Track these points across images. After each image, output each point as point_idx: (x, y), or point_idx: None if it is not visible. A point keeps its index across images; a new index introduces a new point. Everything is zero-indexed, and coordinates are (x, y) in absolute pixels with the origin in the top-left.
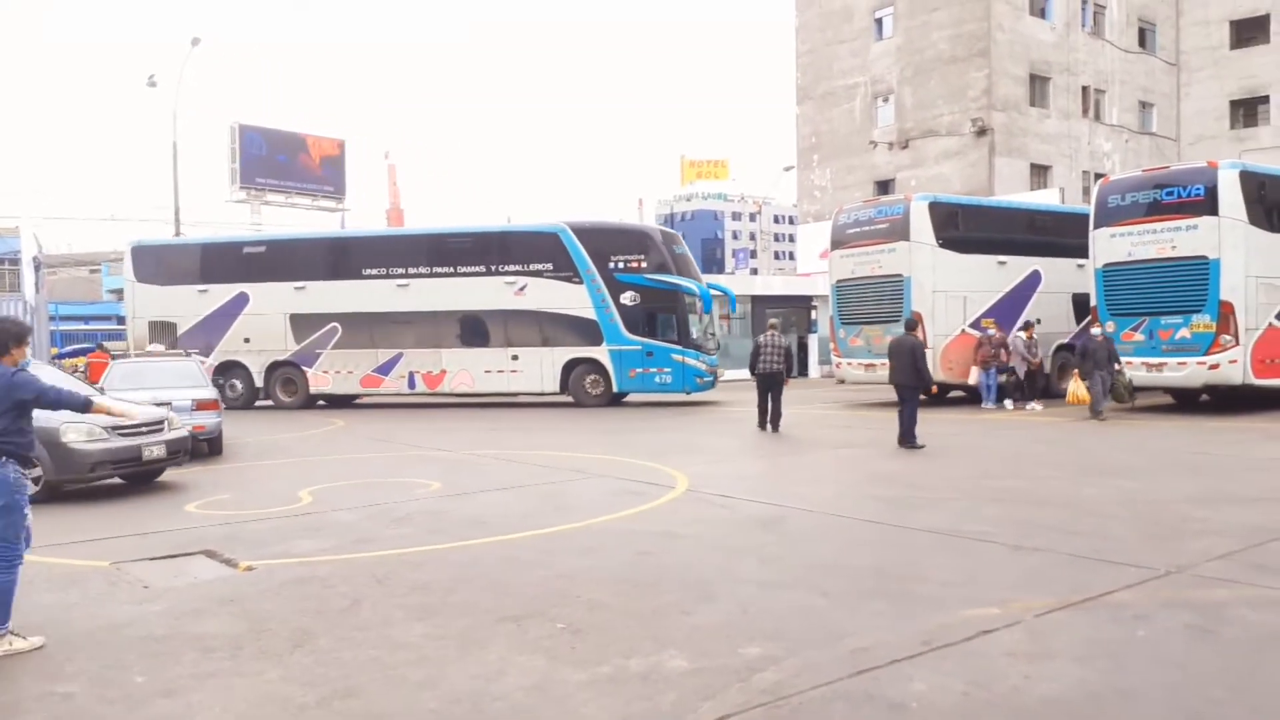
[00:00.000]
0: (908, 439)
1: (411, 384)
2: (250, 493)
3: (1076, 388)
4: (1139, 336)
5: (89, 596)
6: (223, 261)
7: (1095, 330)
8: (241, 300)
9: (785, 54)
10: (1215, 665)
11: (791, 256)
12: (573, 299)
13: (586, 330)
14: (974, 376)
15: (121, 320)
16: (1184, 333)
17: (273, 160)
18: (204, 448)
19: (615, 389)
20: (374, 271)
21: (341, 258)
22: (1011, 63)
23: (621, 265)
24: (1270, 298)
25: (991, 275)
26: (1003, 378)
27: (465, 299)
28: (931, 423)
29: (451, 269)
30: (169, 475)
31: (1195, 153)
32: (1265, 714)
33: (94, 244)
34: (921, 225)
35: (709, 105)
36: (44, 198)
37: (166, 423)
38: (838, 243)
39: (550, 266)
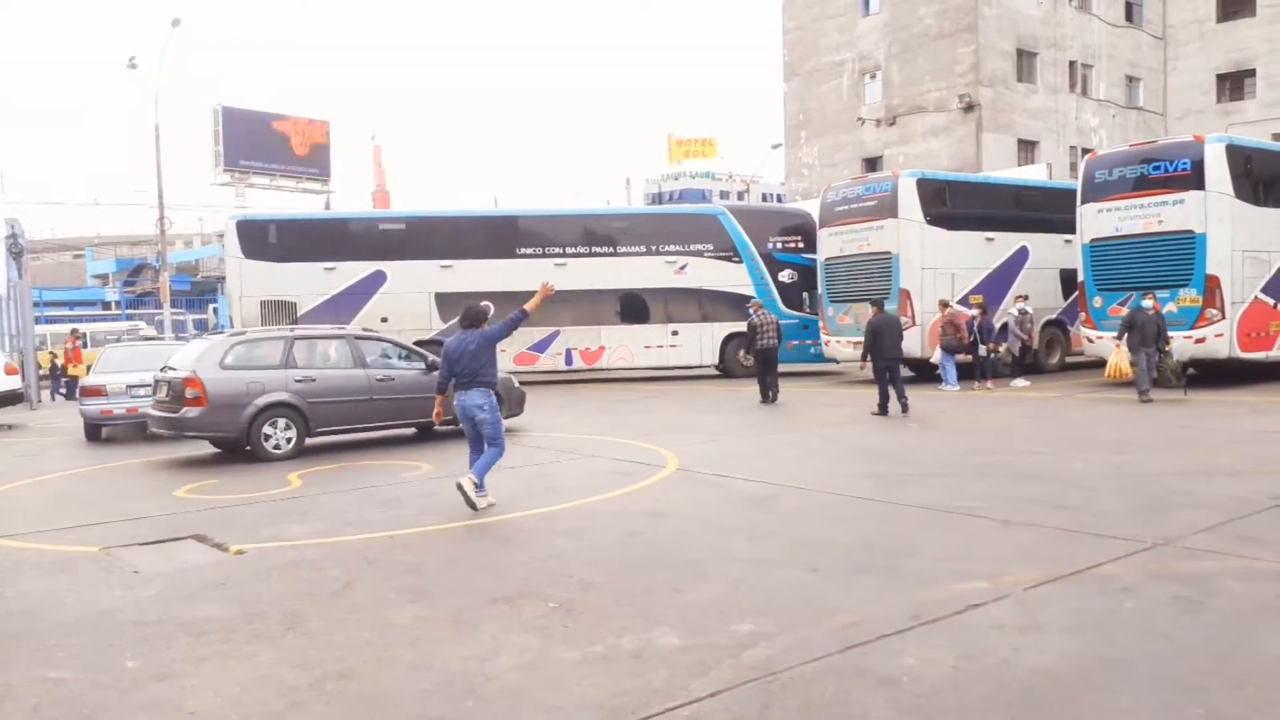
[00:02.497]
0: (907, 407)
1: (569, 360)
2: (240, 476)
3: (1119, 360)
4: (1126, 311)
5: (79, 582)
6: (353, 237)
7: (1147, 302)
8: (378, 278)
9: (773, 31)
10: (1201, 636)
11: None
12: (732, 277)
13: (745, 306)
14: (936, 355)
15: (107, 305)
16: (1170, 307)
17: (256, 142)
18: None
19: None
20: (529, 250)
21: (494, 236)
22: (999, 38)
23: (780, 245)
24: (1256, 271)
25: (979, 251)
26: (961, 357)
27: (625, 277)
28: (918, 400)
29: (611, 249)
30: (158, 457)
31: (1182, 127)
32: (1250, 683)
33: (78, 229)
34: (909, 202)
35: (696, 83)
36: (28, 182)
37: None
38: (826, 220)
39: (710, 247)
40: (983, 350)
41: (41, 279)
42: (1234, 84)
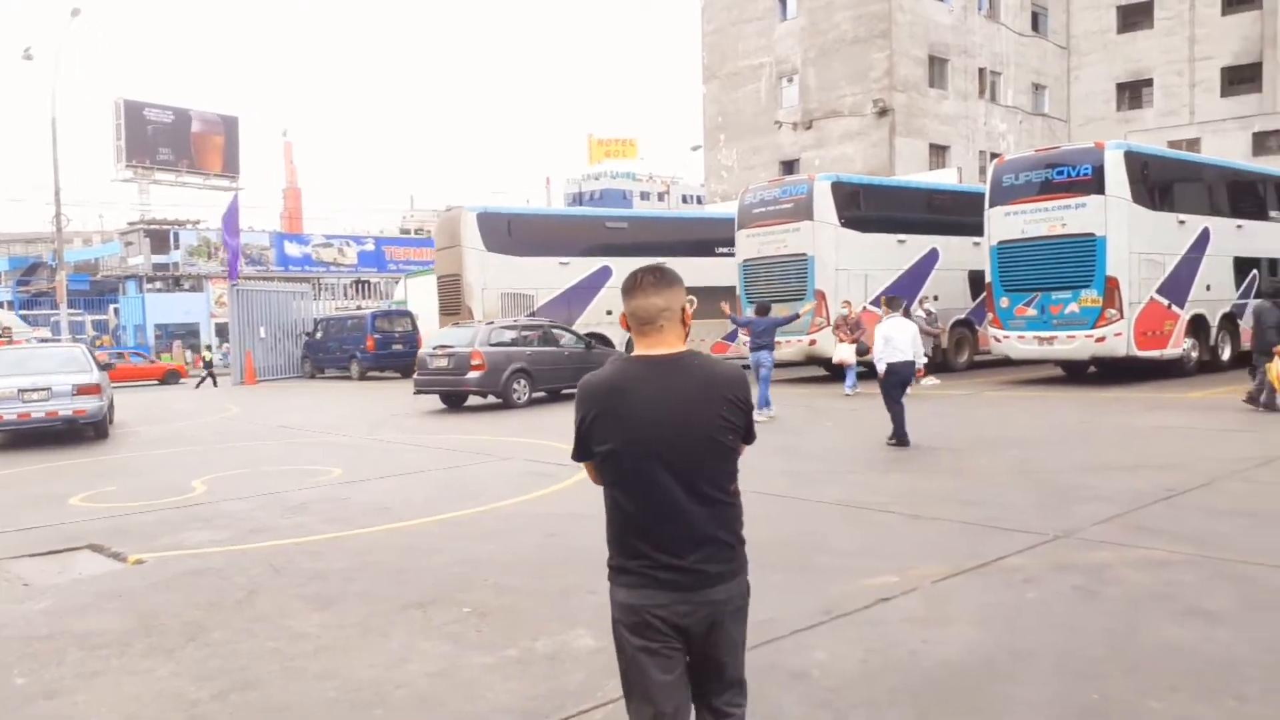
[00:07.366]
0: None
1: None
2: (139, 483)
3: None
4: (1031, 311)
5: None
6: (584, 234)
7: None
8: (605, 274)
9: (692, 32)
10: (1099, 624)
11: None
12: None
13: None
14: (839, 355)
15: (9, 305)
16: (1073, 307)
17: (161, 138)
18: (89, 431)
19: None
20: (725, 250)
21: (700, 236)
22: (911, 44)
23: None
24: (1152, 273)
25: (892, 253)
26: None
27: None
28: (830, 399)
29: None
30: (53, 464)
31: (1085, 133)
32: (1141, 669)
33: None
34: (825, 205)
35: (617, 83)
36: None
37: None
38: (744, 223)
39: None
40: (928, 345)
41: None
42: (1133, 93)
